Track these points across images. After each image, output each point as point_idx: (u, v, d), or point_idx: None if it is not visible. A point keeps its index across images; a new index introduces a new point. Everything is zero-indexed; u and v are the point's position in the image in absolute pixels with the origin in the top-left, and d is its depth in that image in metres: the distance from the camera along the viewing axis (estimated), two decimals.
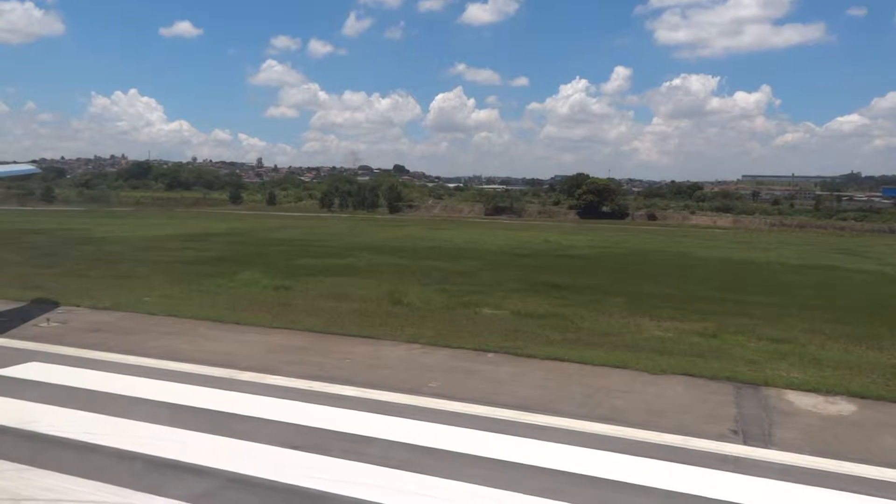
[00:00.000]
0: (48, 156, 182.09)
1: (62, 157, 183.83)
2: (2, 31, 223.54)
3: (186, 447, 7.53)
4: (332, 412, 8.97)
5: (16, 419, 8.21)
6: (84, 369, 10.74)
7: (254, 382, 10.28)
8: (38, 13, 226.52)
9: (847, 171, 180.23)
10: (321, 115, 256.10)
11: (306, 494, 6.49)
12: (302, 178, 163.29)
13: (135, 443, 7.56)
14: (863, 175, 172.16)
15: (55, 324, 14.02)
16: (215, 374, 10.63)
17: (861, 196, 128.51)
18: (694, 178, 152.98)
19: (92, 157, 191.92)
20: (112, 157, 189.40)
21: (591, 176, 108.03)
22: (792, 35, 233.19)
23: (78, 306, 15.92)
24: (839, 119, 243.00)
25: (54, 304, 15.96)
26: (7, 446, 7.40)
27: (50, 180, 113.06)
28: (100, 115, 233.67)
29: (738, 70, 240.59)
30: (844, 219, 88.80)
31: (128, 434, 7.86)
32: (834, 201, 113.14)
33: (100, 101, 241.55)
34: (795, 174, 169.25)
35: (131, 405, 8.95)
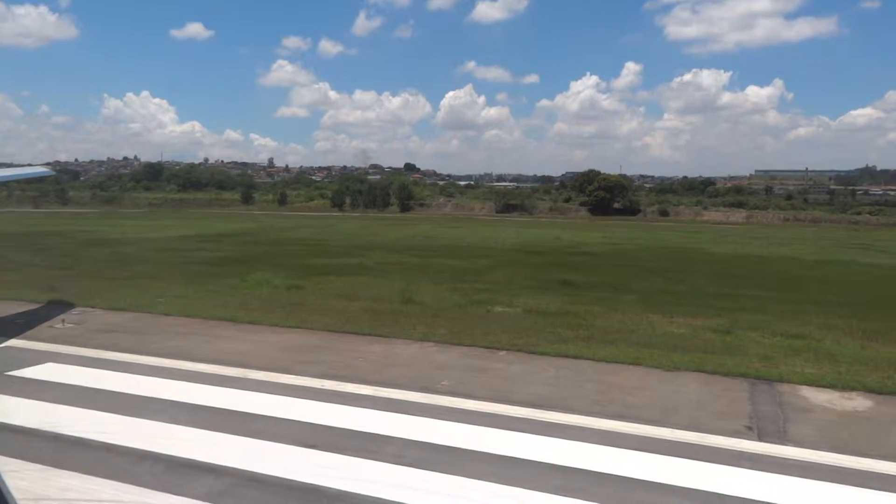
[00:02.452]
0: (62, 158, 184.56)
1: (76, 160, 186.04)
2: (16, 35, 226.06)
3: (202, 446, 7.59)
4: (346, 411, 9.00)
5: (33, 420, 8.31)
6: (99, 370, 10.85)
7: (267, 382, 10.33)
8: (51, 17, 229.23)
9: (862, 165, 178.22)
10: (332, 115, 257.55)
11: (322, 493, 6.52)
12: (313, 177, 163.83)
13: (151, 442, 7.62)
14: (878, 168, 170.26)
15: (70, 325, 14.17)
16: (229, 374, 10.70)
17: (876, 190, 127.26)
18: (706, 174, 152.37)
19: (105, 158, 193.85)
20: (125, 158, 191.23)
21: (602, 172, 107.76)
22: (804, 28, 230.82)
23: (93, 307, 16.06)
24: (853, 112, 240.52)
25: (70, 306, 16.12)
26: (25, 447, 7.49)
27: (64, 182, 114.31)
28: (113, 117, 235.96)
29: (749, 64, 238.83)
30: (859, 213, 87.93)
31: (144, 434, 7.93)
32: (848, 195, 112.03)
33: (112, 103, 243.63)
34: (809, 168, 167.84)
35: (147, 405, 9.03)
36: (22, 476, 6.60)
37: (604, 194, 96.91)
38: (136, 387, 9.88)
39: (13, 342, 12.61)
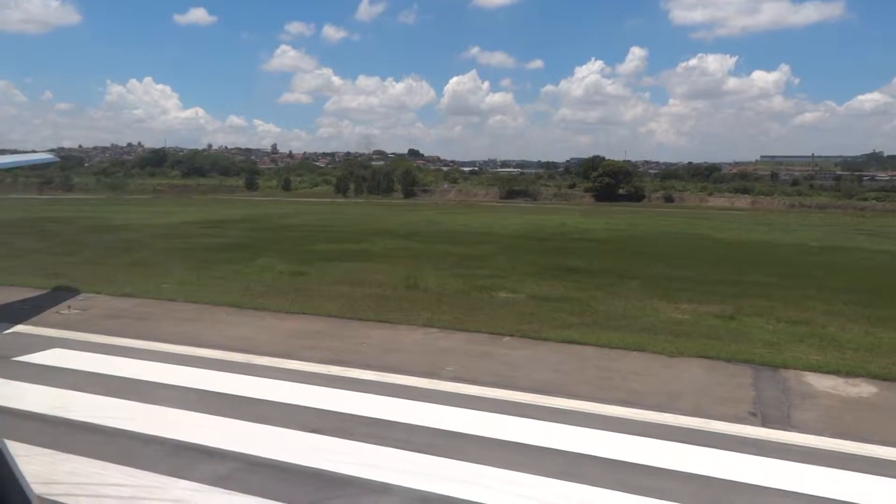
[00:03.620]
0: (66, 144, 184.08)
1: (80, 146, 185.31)
2: (19, 21, 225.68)
3: (207, 431, 7.64)
4: (351, 396, 9.04)
5: (40, 405, 8.37)
6: (105, 355, 10.91)
7: (272, 367, 10.38)
8: (54, 3, 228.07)
9: (868, 151, 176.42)
10: (335, 101, 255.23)
11: (327, 477, 6.56)
12: (317, 163, 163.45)
13: (157, 427, 7.68)
14: (885, 154, 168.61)
15: (76, 310, 14.23)
16: (234, 360, 10.74)
17: (883, 176, 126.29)
18: (711, 160, 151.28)
19: (109, 145, 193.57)
20: (129, 144, 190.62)
21: (606, 158, 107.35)
22: (811, 13, 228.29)
23: (98, 293, 16.12)
24: (860, 97, 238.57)
25: (75, 292, 16.19)
26: (33, 431, 7.55)
27: (68, 169, 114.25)
28: (116, 103, 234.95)
29: (755, 49, 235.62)
30: (866, 199, 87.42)
31: (149, 419, 7.98)
32: (855, 181, 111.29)
33: (115, 89, 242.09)
34: (815, 154, 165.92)
35: (152, 390, 9.08)
36: (30, 461, 6.65)
37: (608, 180, 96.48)
38: (142, 372, 9.93)
39: (20, 328, 12.68)
